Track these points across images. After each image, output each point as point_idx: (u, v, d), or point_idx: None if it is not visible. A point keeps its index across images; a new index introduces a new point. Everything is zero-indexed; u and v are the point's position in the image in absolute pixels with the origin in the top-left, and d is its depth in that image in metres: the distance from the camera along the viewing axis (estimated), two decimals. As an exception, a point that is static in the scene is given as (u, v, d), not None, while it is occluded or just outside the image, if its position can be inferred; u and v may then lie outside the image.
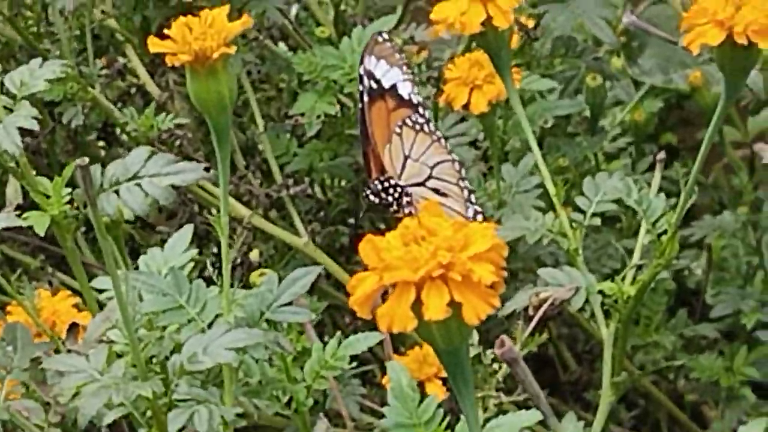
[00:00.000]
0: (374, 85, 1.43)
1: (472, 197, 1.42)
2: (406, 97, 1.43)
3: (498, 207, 1.53)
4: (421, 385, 1.18)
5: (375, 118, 1.42)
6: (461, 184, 1.42)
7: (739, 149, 1.98)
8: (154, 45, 1.07)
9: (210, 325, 1.04)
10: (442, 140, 1.44)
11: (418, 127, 1.42)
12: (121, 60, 1.68)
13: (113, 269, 0.99)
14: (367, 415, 1.31)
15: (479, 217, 1.42)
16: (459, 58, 1.55)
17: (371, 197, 1.42)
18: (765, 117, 1.87)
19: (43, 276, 1.49)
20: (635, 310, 1.63)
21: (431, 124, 1.44)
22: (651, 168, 1.56)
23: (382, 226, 1.37)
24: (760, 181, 1.83)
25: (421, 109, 1.43)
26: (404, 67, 1.45)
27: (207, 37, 1.05)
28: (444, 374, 1.32)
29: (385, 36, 1.46)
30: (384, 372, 1.38)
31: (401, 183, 1.42)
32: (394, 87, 1.43)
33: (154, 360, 1.04)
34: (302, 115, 1.60)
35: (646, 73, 1.79)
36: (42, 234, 1.16)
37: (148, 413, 1.03)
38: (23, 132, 1.16)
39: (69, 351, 1.06)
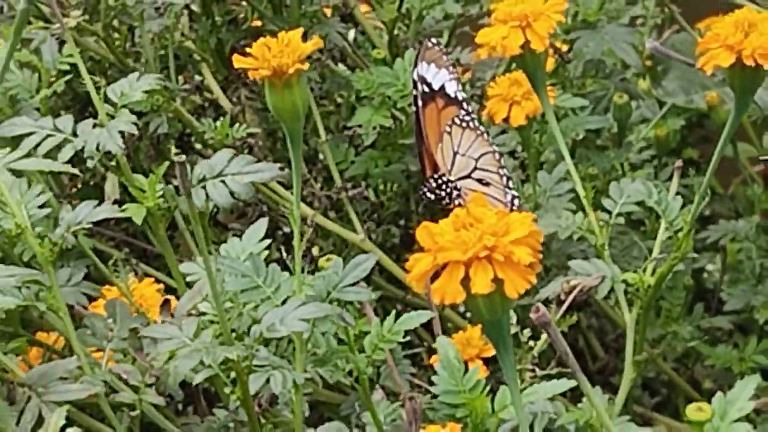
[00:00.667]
0: (426, 89, 1.47)
1: (510, 183, 1.46)
2: (453, 95, 1.47)
3: (534, 209, 1.56)
4: (464, 364, 1.21)
5: (428, 120, 1.47)
6: (501, 172, 1.47)
7: (755, 165, 2.02)
8: (238, 61, 1.14)
9: (284, 303, 1.09)
10: (485, 134, 1.49)
11: (464, 124, 1.46)
12: (197, 77, 1.74)
13: (205, 251, 1.06)
14: (416, 390, 1.37)
15: (516, 201, 1.47)
16: (500, 77, 1.58)
17: (428, 194, 1.48)
18: None
19: (128, 266, 1.54)
20: (656, 303, 1.70)
21: (475, 120, 1.49)
22: (671, 178, 1.62)
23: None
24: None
25: (465, 105, 1.48)
26: (450, 67, 1.49)
27: (284, 54, 1.11)
28: (485, 355, 1.38)
29: (434, 41, 1.49)
30: (430, 355, 1.43)
31: (452, 178, 1.47)
32: (442, 87, 1.47)
33: (234, 334, 1.11)
34: (359, 126, 1.64)
35: (669, 94, 1.84)
36: (139, 223, 1.22)
37: (232, 375, 1.10)
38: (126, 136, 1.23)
39: (163, 322, 1.14)
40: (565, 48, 1.80)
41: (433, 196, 1.47)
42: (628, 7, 1.89)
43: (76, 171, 1.15)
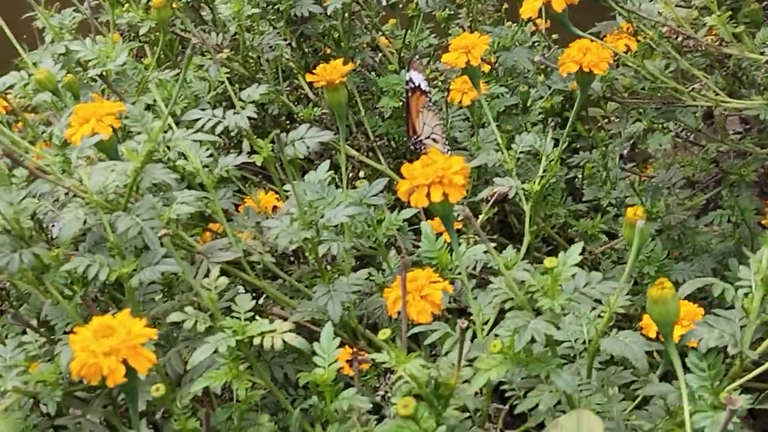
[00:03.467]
0: (412, 85, 1.48)
1: (446, 141, 1.50)
2: (424, 89, 1.48)
3: (477, 149, 1.55)
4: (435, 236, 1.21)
5: (412, 104, 1.47)
6: (443, 135, 1.49)
7: (602, 120, 1.99)
8: (309, 77, 1.15)
9: (337, 206, 1.09)
10: (438, 113, 1.51)
11: (428, 106, 1.48)
12: (296, 82, 1.73)
13: (292, 179, 1.08)
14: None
15: (449, 151, 1.50)
16: (456, 78, 1.57)
17: (411, 147, 1.49)
18: (611, 106, 1.88)
19: (258, 186, 1.54)
20: (545, 198, 1.68)
21: (433, 104, 1.50)
22: (554, 128, 1.61)
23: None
24: (611, 136, 1.85)
25: (429, 94, 1.49)
26: (423, 73, 1.50)
27: (333, 73, 1.13)
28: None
29: (416, 57, 1.51)
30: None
31: (422, 138, 1.48)
32: (419, 85, 1.47)
33: (311, 223, 1.11)
34: (383, 107, 1.63)
35: (553, 83, 1.83)
36: (259, 165, 1.23)
37: (309, 246, 1.10)
38: (251, 118, 1.23)
39: (272, 218, 1.14)
40: (493, 59, 1.78)
41: (413, 148, 1.49)
42: (529, 37, 1.86)
43: (218, 139, 1.15)
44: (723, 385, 0.84)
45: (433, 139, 1.48)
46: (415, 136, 1.48)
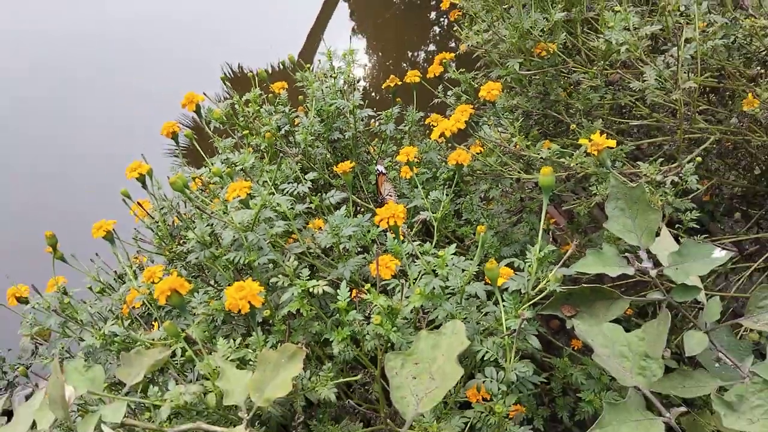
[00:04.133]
0: (378, 171, 1.47)
1: (397, 195, 1.46)
2: (384, 172, 1.46)
3: (413, 197, 1.48)
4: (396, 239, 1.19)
5: (379, 181, 1.45)
6: (395, 192, 1.46)
7: (471, 183, 1.96)
8: (335, 168, 1.14)
9: (348, 227, 1.10)
10: (392, 182, 1.48)
11: (386, 179, 1.47)
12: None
13: (329, 214, 1.07)
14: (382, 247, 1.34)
15: (398, 200, 1.45)
16: (403, 166, 1.48)
17: (379, 202, 1.48)
18: (473, 177, 1.84)
19: (315, 215, 1.52)
20: (447, 219, 1.67)
21: (390, 179, 1.47)
22: (449, 187, 1.58)
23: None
24: (474, 190, 1.83)
25: (386, 174, 1.45)
26: (384, 164, 1.49)
27: (345, 167, 1.11)
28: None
29: (381, 157, 1.50)
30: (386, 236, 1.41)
31: (384, 196, 1.47)
32: (382, 171, 1.47)
33: (336, 234, 1.11)
34: (371, 180, 1.61)
35: (448, 166, 1.79)
36: (314, 208, 1.22)
37: (336, 245, 1.09)
38: (310, 188, 1.22)
39: (320, 232, 1.13)
40: (421, 156, 1.75)
41: (380, 202, 1.47)
42: (438, 144, 1.85)
43: (294, 199, 1.13)
44: (519, 307, 0.85)
45: (390, 196, 1.47)
46: (380, 197, 1.47)
